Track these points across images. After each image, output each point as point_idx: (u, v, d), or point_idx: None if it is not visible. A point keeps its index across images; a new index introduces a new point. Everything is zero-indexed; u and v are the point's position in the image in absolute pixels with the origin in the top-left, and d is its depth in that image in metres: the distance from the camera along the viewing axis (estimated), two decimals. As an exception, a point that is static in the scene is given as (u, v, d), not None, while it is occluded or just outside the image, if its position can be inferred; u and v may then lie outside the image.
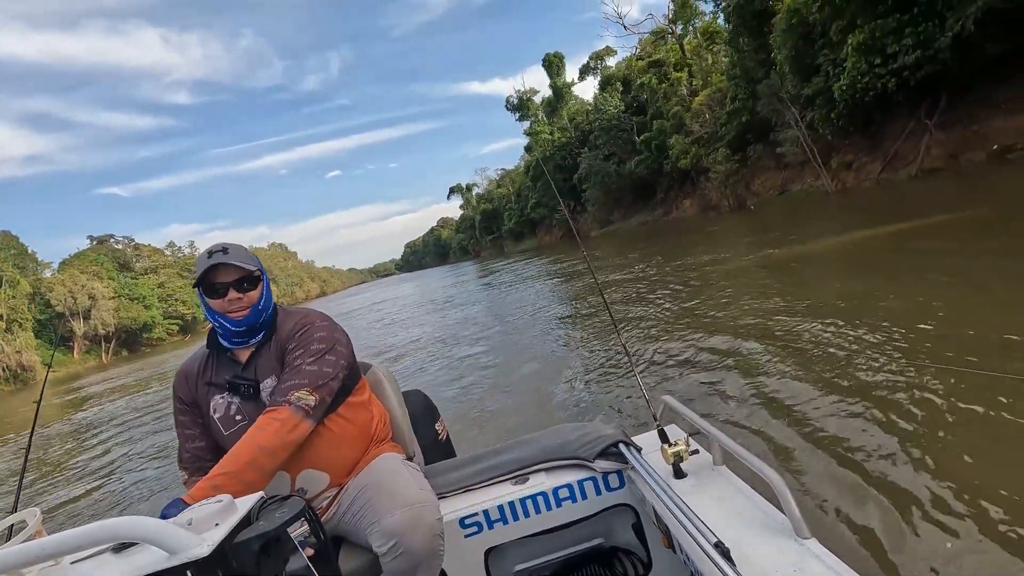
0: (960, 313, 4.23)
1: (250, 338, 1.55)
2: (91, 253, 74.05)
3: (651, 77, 34.49)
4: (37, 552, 0.83)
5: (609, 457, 1.56)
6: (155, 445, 8.12)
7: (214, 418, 1.54)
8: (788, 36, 18.73)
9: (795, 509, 1.00)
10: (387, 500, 1.37)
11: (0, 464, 10.43)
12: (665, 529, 1.33)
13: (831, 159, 19.88)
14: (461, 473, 1.73)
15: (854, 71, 15.32)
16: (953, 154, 14.67)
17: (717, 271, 9.41)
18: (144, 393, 16.54)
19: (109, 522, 0.85)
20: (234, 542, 0.90)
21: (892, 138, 16.86)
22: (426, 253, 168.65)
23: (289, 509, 1.00)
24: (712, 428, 1.28)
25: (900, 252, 7.37)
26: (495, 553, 1.64)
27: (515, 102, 57.05)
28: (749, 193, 25.51)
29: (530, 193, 55.38)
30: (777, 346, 4.57)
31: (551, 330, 8.57)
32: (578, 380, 5.38)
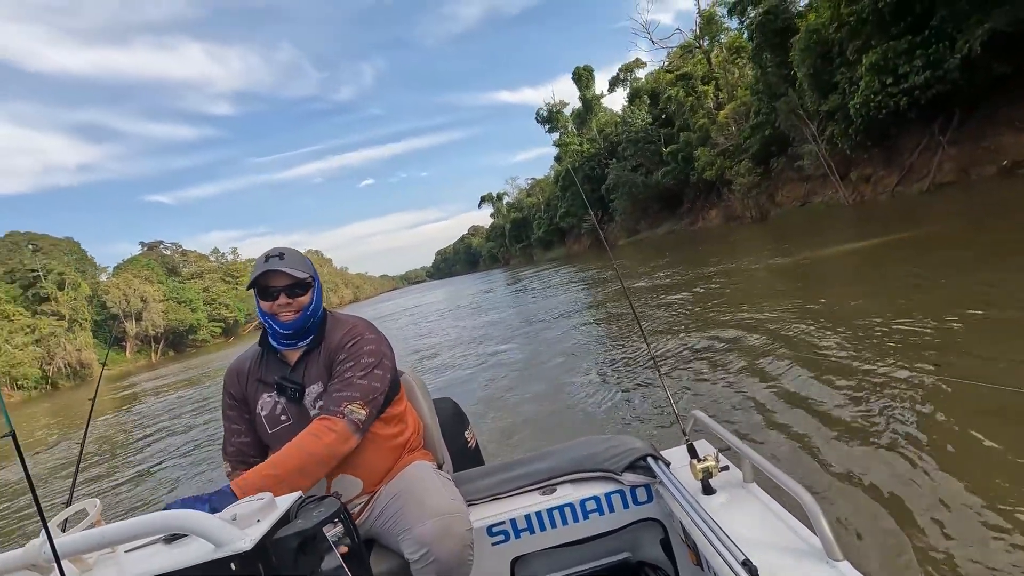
0: (975, 326, 4.27)
1: (298, 341, 1.61)
2: (143, 258, 78.42)
3: (679, 90, 35.33)
4: (98, 540, 0.90)
5: (637, 471, 1.56)
6: (198, 439, 8.83)
7: (260, 415, 1.60)
8: (807, 54, 19.49)
9: (827, 530, 0.98)
10: (418, 509, 1.39)
11: (61, 453, 11.42)
12: (693, 545, 1.33)
13: (850, 172, 20.47)
14: (489, 481, 1.74)
15: (867, 90, 16.06)
16: (964, 169, 15.24)
17: (737, 279, 10.38)
18: (192, 390, 17.90)
19: (162, 514, 0.91)
20: (274, 538, 0.95)
21: (907, 153, 17.45)
22: (456, 261, 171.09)
23: (326, 509, 1.04)
24: (743, 445, 1.27)
25: (906, 262, 8.09)
26: (522, 562, 1.65)
27: (545, 114, 58.42)
28: (773, 204, 26.11)
29: (559, 202, 56.49)
30: (803, 358, 4.58)
31: (578, 338, 8.71)
32: (604, 390, 5.39)
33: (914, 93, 15.11)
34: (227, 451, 1.64)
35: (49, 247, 60.21)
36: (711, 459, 1.34)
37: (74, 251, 64.66)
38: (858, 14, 16.55)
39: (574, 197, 51.71)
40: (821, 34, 18.69)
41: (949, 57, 14.34)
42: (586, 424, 4.61)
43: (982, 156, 14.93)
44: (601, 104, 52.93)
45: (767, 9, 23.44)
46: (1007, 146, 14.38)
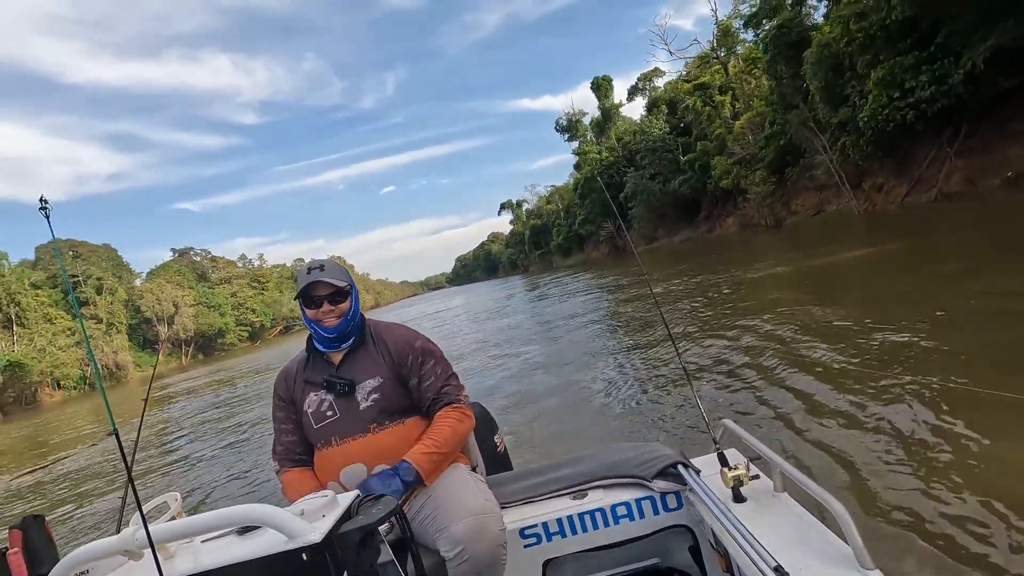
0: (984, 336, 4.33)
1: (341, 343, 1.75)
2: (174, 264, 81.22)
3: (696, 100, 35.91)
4: (184, 529, 1.00)
5: (667, 477, 1.58)
6: (237, 434, 9.34)
7: (307, 412, 1.71)
8: (819, 67, 20.04)
9: (858, 539, 0.99)
10: (454, 508, 1.46)
11: (111, 445, 11.81)
12: (724, 552, 1.35)
13: (863, 182, 20.89)
14: (521, 485, 1.79)
15: (875, 103, 16.59)
16: (971, 180, 15.65)
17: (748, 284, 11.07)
18: (225, 390, 18.90)
19: (242, 507, 1.00)
20: (339, 532, 1.03)
21: (917, 164, 17.87)
22: (476, 267, 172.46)
23: (384, 507, 1.11)
24: (773, 454, 1.28)
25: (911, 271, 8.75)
26: (553, 565, 1.69)
27: (564, 123, 59.35)
28: (788, 212, 26.53)
29: (578, 210, 57.22)
30: (819, 364, 4.68)
31: (600, 343, 8.83)
32: (629, 397, 5.43)
33: (920, 107, 15.61)
34: (276, 450, 1.77)
35: (88, 253, 63.08)
36: (742, 468, 1.36)
37: (111, 257, 67.55)
38: (866, 30, 17.11)
39: (592, 205, 52.41)
40: (832, 48, 19.24)
41: (954, 72, 14.83)
42: (612, 432, 4.62)
43: (988, 167, 15.33)
44: (620, 113, 53.64)
45: (781, 23, 24.02)
46: (1012, 158, 14.78)
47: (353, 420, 1.65)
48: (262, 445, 7.94)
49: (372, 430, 1.64)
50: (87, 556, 1.01)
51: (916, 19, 15.52)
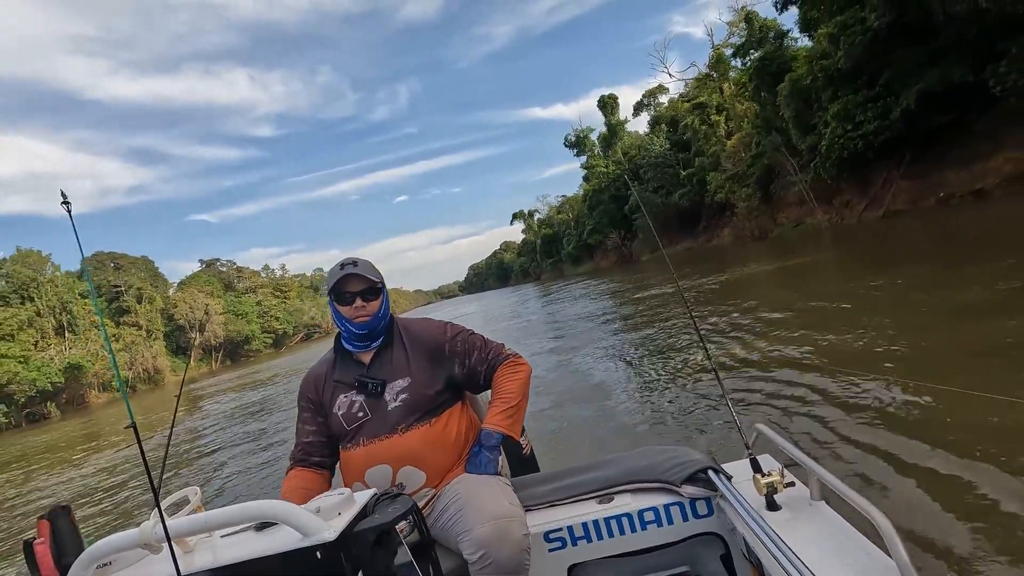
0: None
1: (371, 342, 1.76)
2: (203, 274, 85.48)
3: (694, 119, 38.76)
4: (202, 524, 1.01)
5: (697, 483, 1.54)
6: (262, 434, 9.97)
7: (337, 414, 1.71)
8: (791, 99, 22.90)
9: (903, 553, 0.92)
10: (478, 511, 1.45)
11: (154, 442, 12.72)
12: (757, 562, 1.30)
13: (834, 198, 23.61)
14: (547, 488, 1.76)
15: (833, 134, 19.40)
16: (913, 199, 18.38)
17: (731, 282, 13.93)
18: (253, 392, 20.29)
19: (259, 503, 1.00)
20: (354, 531, 1.02)
21: (874, 184, 20.61)
22: (489, 275, 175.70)
23: (400, 505, 1.11)
24: (810, 460, 1.24)
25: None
26: (578, 570, 1.65)
27: (572, 139, 62.45)
28: (775, 224, 29.20)
29: (587, 220, 60.13)
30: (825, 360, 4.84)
31: (621, 345, 9.08)
32: (654, 399, 5.45)
33: (868, 138, 18.41)
34: (294, 451, 1.78)
35: (128, 264, 67.35)
36: (776, 474, 1.30)
37: (149, 268, 71.88)
38: (827, 70, 19.97)
39: (600, 216, 55.30)
40: (801, 83, 22.10)
41: (894, 109, 17.62)
42: (638, 434, 4.59)
43: (927, 189, 18.06)
44: (625, 129, 56.58)
45: (763, 55, 26.92)
46: (946, 181, 17.50)
47: (381, 421, 1.65)
48: (286, 440, 8.13)
49: (399, 431, 1.63)
50: (108, 549, 1.03)
51: (864, 64, 18.36)
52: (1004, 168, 15.63)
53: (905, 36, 16.80)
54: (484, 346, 1.80)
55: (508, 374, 1.76)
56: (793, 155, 24.08)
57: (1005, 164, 15.64)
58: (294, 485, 1.70)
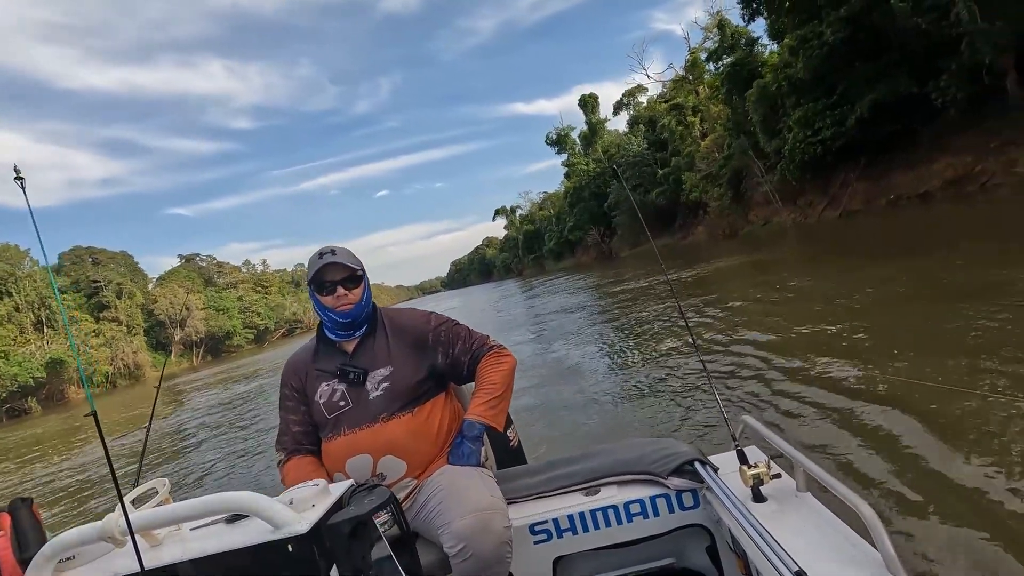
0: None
1: (354, 331, 1.74)
2: (182, 269, 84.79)
3: (671, 119, 40.13)
4: (168, 516, 0.98)
5: (684, 475, 1.54)
6: (243, 427, 10.15)
7: (318, 403, 1.69)
8: (759, 105, 24.27)
9: (889, 545, 0.94)
10: (459, 504, 1.44)
11: (127, 441, 12.68)
12: (742, 554, 1.31)
13: (799, 199, 25.09)
14: (532, 480, 1.75)
15: (795, 139, 20.78)
16: (867, 200, 19.86)
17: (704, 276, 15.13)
18: (235, 386, 20.95)
19: (227, 495, 0.98)
20: (328, 523, 1.00)
21: (834, 186, 22.08)
22: (471, 271, 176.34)
23: (377, 497, 1.09)
24: (796, 452, 1.25)
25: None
26: (564, 562, 1.66)
27: (554, 137, 63.59)
28: (746, 222, 30.66)
29: (568, 217, 61.40)
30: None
31: (607, 338, 9.27)
32: (640, 392, 5.48)
33: (826, 143, 19.82)
34: (281, 440, 1.75)
35: (106, 259, 66.70)
36: (762, 466, 1.31)
37: (128, 263, 71.20)
38: (790, 79, 21.34)
39: (581, 212, 56.58)
40: (768, 90, 23.47)
41: (850, 117, 19.04)
42: (625, 426, 4.62)
43: (879, 191, 19.55)
44: (605, 128, 57.89)
45: (734, 61, 28.29)
46: (896, 184, 19.00)
47: (363, 410, 1.64)
48: (267, 432, 8.16)
49: (381, 420, 1.62)
50: (70, 542, 1.00)
51: (823, 75, 19.74)
52: (946, 173, 17.12)
53: (859, 51, 18.21)
54: (468, 336, 1.79)
55: (492, 365, 1.76)
56: (761, 157, 25.50)
57: (946, 169, 17.14)
58: (300, 474, 1.62)
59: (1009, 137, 15.08)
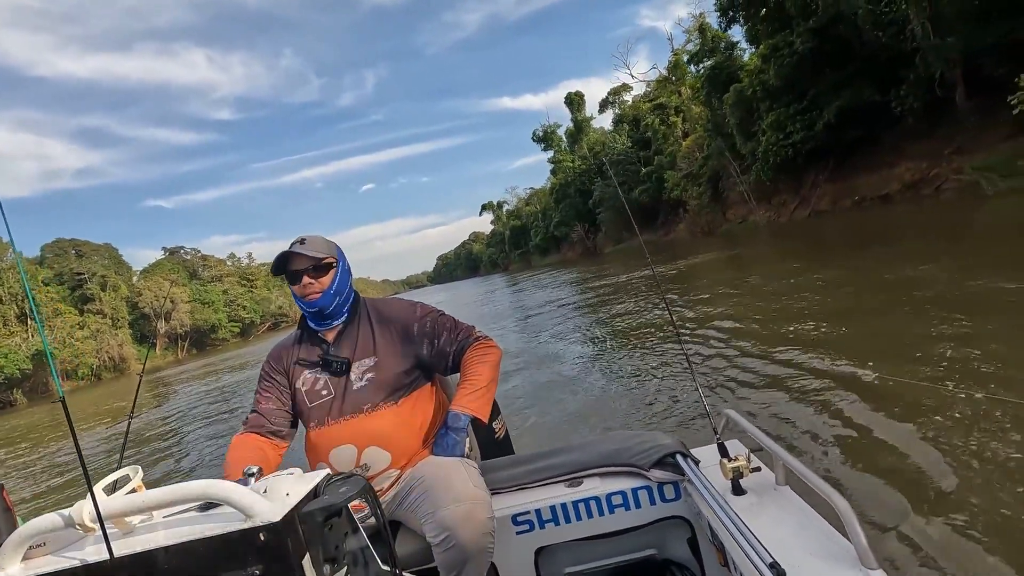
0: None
1: (332, 320, 1.74)
2: (167, 262, 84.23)
3: (654, 119, 41.21)
4: (139, 504, 0.97)
5: (665, 467, 1.56)
6: (227, 416, 10.61)
7: (301, 390, 1.71)
8: (736, 108, 25.37)
9: (862, 537, 0.96)
10: (442, 493, 1.44)
11: (113, 431, 13.03)
12: (720, 546, 1.33)
13: (772, 198, 26.29)
14: (516, 471, 1.76)
15: (768, 141, 21.90)
16: (834, 201, 21.07)
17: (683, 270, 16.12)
18: (220, 378, 21.59)
19: (198, 483, 0.98)
20: (302, 511, 0.99)
21: (805, 187, 23.28)
22: (457, 266, 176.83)
23: (352, 486, 1.08)
24: (776, 446, 1.26)
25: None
26: (545, 553, 1.68)
27: (540, 135, 64.44)
28: (724, 220, 31.86)
29: (554, 213, 62.37)
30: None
31: (592, 330, 9.55)
32: (624, 385, 5.57)
33: (796, 146, 20.97)
34: (248, 417, 1.73)
35: (90, 252, 66.15)
36: (743, 459, 1.34)
37: (112, 256, 70.68)
38: (764, 84, 22.44)
39: (567, 209, 57.57)
40: (745, 94, 24.57)
41: (818, 122, 20.19)
42: (609, 418, 4.71)
43: (845, 193, 20.76)
44: (591, 125, 58.87)
45: (714, 64, 29.37)
46: (860, 186, 20.21)
47: (347, 400, 1.65)
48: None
49: (365, 410, 1.63)
50: (39, 528, 0.99)
51: (794, 81, 20.86)
52: (905, 176, 18.34)
53: (827, 60, 19.34)
54: (454, 327, 1.79)
55: (478, 356, 1.75)
56: (738, 158, 26.64)
57: (905, 173, 18.36)
58: (241, 454, 1.61)
59: (959, 145, 16.30)
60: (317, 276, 1.69)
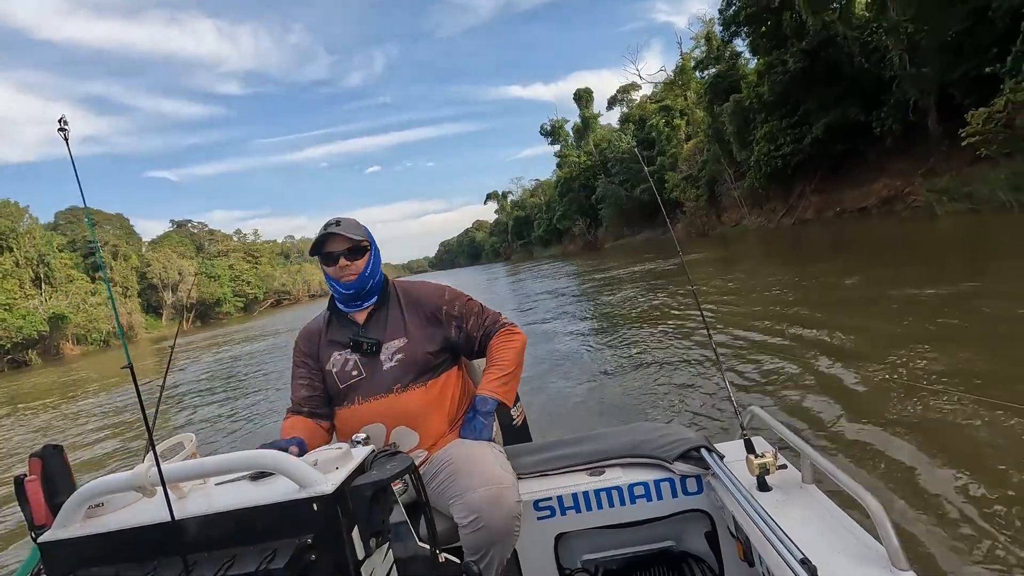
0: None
1: (363, 302, 1.77)
2: (175, 235, 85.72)
3: (659, 120, 42.51)
4: (198, 470, 1.01)
5: (689, 461, 1.57)
6: (253, 387, 10.63)
7: (332, 372, 1.73)
8: (734, 118, 26.76)
9: (893, 538, 0.95)
10: (472, 476, 1.46)
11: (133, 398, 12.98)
12: (744, 539, 1.34)
13: (764, 205, 27.76)
14: (538, 457, 1.79)
15: (760, 151, 23.34)
16: (818, 211, 22.56)
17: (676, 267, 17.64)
18: (234, 349, 22.31)
19: (255, 453, 1.01)
20: (352, 485, 1.02)
21: (794, 195, 24.75)
22: (459, 252, 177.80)
23: (399, 463, 1.10)
24: (803, 444, 1.26)
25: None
26: (565, 539, 1.70)
27: (548, 129, 65.66)
28: (720, 223, 33.33)
29: (557, 206, 63.76)
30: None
31: (604, 323, 9.69)
32: (641, 378, 5.60)
33: (786, 158, 22.41)
34: (292, 402, 1.79)
35: (103, 220, 67.57)
36: (769, 455, 1.34)
37: (123, 226, 72.13)
38: (760, 97, 23.83)
39: (570, 203, 58.93)
40: (743, 104, 25.96)
41: (807, 136, 21.62)
42: (628, 410, 4.73)
43: (828, 203, 22.25)
44: (598, 122, 60.07)
45: (717, 72, 30.67)
46: (843, 198, 21.70)
47: (377, 380, 1.68)
48: (280, 389, 8.26)
49: (395, 391, 1.66)
50: (101, 489, 1.02)
51: (786, 96, 22.26)
52: (882, 192, 19.83)
53: (817, 79, 20.73)
54: (481, 312, 1.82)
55: (503, 342, 1.79)
56: (733, 165, 28.09)
57: (883, 188, 19.84)
58: (293, 428, 1.70)
59: (932, 166, 17.77)
60: (353, 259, 1.73)
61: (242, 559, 0.92)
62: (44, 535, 1.03)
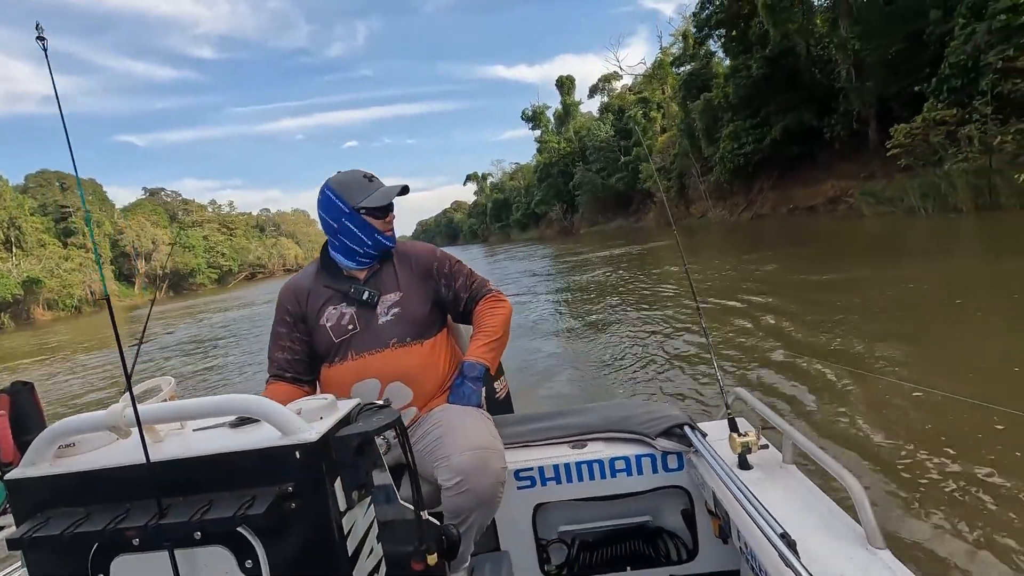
0: None
1: (378, 257, 1.77)
2: (147, 203, 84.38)
3: (637, 112, 44.06)
4: (175, 412, 0.97)
5: (672, 437, 1.60)
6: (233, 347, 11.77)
7: (325, 327, 1.68)
8: (703, 115, 28.46)
9: (871, 516, 0.97)
10: (459, 439, 1.46)
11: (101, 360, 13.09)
12: (723, 515, 1.35)
13: (728, 199, 29.68)
14: (521, 428, 1.82)
15: (724, 150, 25.12)
16: (774, 207, 24.52)
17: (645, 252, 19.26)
18: (203, 318, 23.61)
19: (237, 396, 0.97)
20: (336, 435, 0.99)
21: (754, 191, 26.68)
22: (437, 232, 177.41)
23: (385, 416, 1.08)
24: (785, 424, 1.29)
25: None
26: (543, 510, 1.73)
27: (530, 113, 66.62)
28: (688, 214, 35.23)
29: (536, 190, 65.09)
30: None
31: (583, 304, 10.16)
32: (626, 358, 5.76)
33: (747, 156, 24.24)
34: (269, 367, 1.74)
35: (74, 185, 66.40)
36: (751, 435, 1.37)
37: (96, 192, 70.84)
38: (727, 97, 25.54)
39: (548, 188, 60.31)
40: (712, 103, 27.65)
41: (767, 137, 23.44)
42: (610, 387, 4.84)
43: (783, 200, 24.21)
44: (579, 110, 61.33)
45: (691, 70, 32.27)
46: (795, 196, 23.66)
47: (373, 335, 1.66)
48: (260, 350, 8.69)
49: (392, 346, 1.64)
50: (73, 427, 0.97)
51: (751, 98, 24.00)
52: (829, 192, 21.80)
53: (777, 85, 22.49)
54: (470, 275, 1.83)
55: (490, 309, 1.80)
56: (701, 160, 29.89)
57: (830, 189, 21.81)
58: (275, 396, 1.51)
59: (872, 171, 19.75)
60: (391, 214, 1.76)
61: (219, 504, 0.88)
62: (11, 472, 0.98)
